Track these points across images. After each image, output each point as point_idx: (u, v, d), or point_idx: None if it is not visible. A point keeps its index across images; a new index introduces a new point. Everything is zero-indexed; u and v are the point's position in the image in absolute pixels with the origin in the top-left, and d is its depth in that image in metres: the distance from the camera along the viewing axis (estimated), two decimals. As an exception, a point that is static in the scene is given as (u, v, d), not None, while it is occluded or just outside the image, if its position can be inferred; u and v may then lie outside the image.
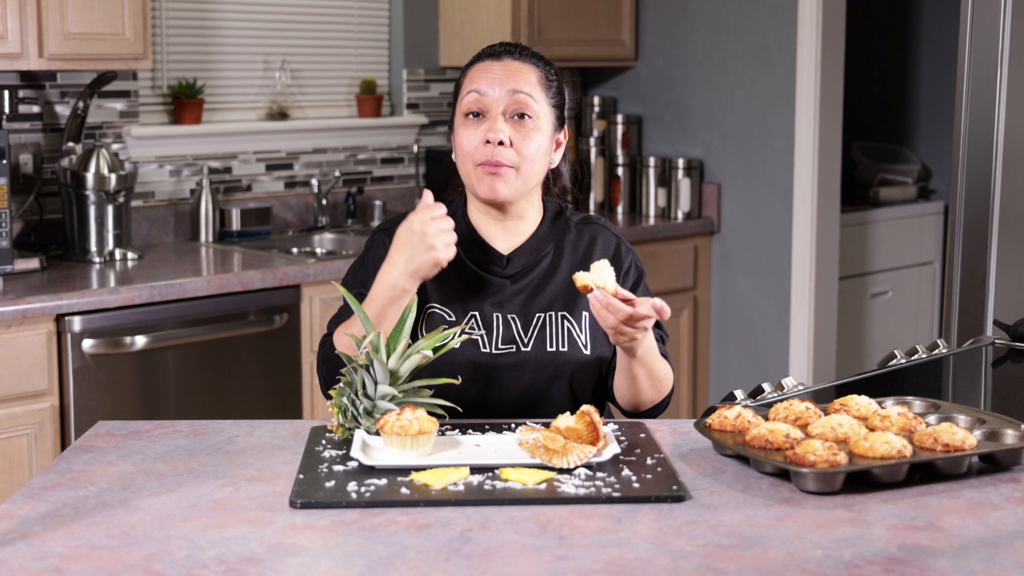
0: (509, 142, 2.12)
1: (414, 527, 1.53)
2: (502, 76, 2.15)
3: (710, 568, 1.41)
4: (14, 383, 3.20)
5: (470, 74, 2.19)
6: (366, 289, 2.16)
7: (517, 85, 2.14)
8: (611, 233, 2.26)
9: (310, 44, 4.52)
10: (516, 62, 2.17)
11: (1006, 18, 3.00)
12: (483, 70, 2.17)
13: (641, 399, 2.14)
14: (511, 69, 2.16)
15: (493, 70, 2.16)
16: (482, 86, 2.14)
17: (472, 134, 2.14)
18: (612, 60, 4.95)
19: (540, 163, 2.16)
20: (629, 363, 2.08)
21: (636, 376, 2.10)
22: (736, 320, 4.81)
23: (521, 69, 2.16)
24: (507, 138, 2.12)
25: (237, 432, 1.95)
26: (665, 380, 2.15)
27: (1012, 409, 2.13)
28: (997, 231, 3.05)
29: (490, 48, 2.21)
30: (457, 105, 2.20)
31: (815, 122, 4.53)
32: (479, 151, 2.13)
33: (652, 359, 2.09)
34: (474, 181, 2.15)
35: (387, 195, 4.65)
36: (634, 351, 2.05)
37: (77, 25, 3.54)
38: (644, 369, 2.09)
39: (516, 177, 2.14)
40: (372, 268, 2.18)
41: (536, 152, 2.14)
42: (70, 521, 1.56)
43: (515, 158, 2.12)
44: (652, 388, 2.13)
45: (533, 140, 2.14)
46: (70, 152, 3.75)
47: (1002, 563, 1.43)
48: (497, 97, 2.13)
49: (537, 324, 2.16)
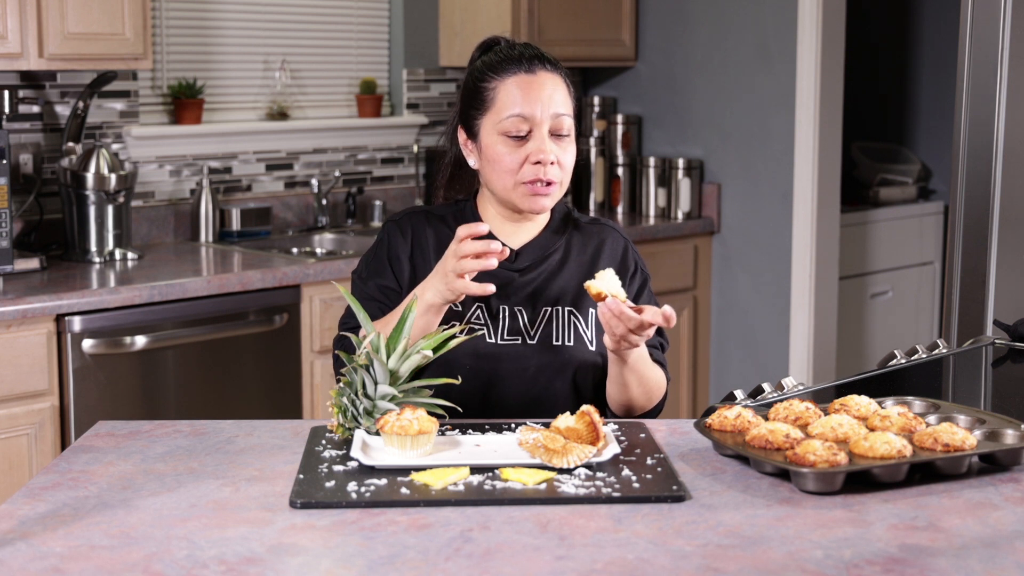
0: (557, 161, 2.15)
1: (414, 527, 1.53)
2: (543, 96, 2.14)
3: (710, 568, 1.41)
4: (14, 383, 3.20)
5: (504, 88, 2.15)
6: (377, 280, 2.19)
7: (558, 108, 2.15)
8: (619, 235, 2.29)
9: (310, 44, 4.52)
10: (549, 75, 2.17)
11: (1006, 18, 3.00)
12: (520, 86, 2.15)
13: (632, 405, 2.16)
14: (549, 87, 2.15)
15: (532, 88, 2.15)
16: (525, 110, 2.14)
17: (515, 153, 2.14)
18: (612, 60, 4.95)
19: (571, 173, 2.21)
20: (621, 370, 2.09)
21: (627, 382, 2.11)
22: (736, 320, 4.81)
23: (556, 86, 2.17)
24: (556, 158, 2.15)
25: (237, 432, 1.95)
26: (656, 387, 2.17)
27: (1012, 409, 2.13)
28: (997, 231, 3.05)
29: (514, 54, 2.18)
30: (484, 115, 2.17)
31: (815, 122, 4.53)
32: (527, 170, 2.14)
33: (643, 366, 2.11)
34: (516, 198, 2.16)
35: (387, 195, 4.65)
36: (625, 358, 2.06)
37: (77, 25, 3.54)
38: (635, 376, 2.11)
39: (558, 191, 2.18)
40: (382, 259, 2.21)
41: (572, 163, 2.19)
42: (70, 521, 1.56)
43: (561, 174, 2.16)
44: (643, 395, 2.15)
45: (570, 154, 2.18)
46: (70, 152, 3.75)
47: (1002, 563, 1.43)
48: (541, 120, 2.14)
49: (544, 318, 2.17)
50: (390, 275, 2.21)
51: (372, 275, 2.22)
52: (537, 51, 2.20)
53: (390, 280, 2.20)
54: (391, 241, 2.22)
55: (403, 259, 2.21)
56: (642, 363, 2.10)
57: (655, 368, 2.16)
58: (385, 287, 2.20)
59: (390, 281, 2.20)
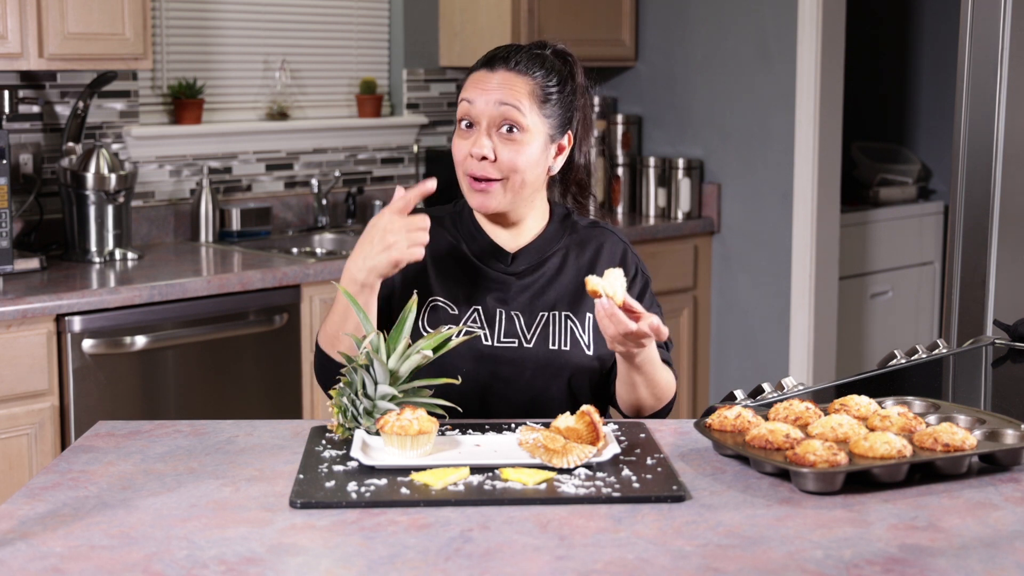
0: (493, 157, 2.11)
1: (414, 527, 1.53)
2: (491, 88, 2.13)
3: (710, 568, 1.41)
4: (14, 383, 3.20)
5: (467, 82, 2.19)
6: None
7: (504, 98, 2.12)
8: (618, 239, 2.27)
9: (310, 44, 4.52)
10: (509, 74, 2.14)
11: (1006, 18, 3.00)
12: (476, 80, 2.16)
13: (641, 406, 2.15)
14: (502, 81, 2.13)
15: (485, 81, 2.15)
16: (472, 95, 2.14)
17: (463, 144, 2.15)
18: (612, 60, 4.95)
19: (532, 172, 2.14)
20: (628, 370, 2.08)
21: (635, 383, 2.10)
22: (736, 320, 4.81)
23: (513, 82, 2.14)
24: (490, 152, 2.11)
25: (237, 432, 1.95)
26: (665, 389, 2.15)
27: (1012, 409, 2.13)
28: (997, 231, 3.05)
29: (490, 55, 2.20)
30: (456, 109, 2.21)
31: (815, 122, 4.53)
32: (467, 163, 2.14)
33: (651, 368, 2.09)
34: (465, 191, 2.17)
35: (387, 195, 4.64)
36: (632, 359, 2.05)
37: (77, 25, 3.54)
38: (643, 377, 2.09)
39: (504, 189, 2.13)
40: None
41: (526, 163, 2.13)
42: (70, 521, 1.56)
43: (497, 172, 2.12)
44: (651, 396, 2.13)
45: (521, 153, 2.12)
46: (70, 152, 3.75)
47: (1002, 563, 1.43)
48: (482, 109, 2.12)
49: (540, 322, 2.17)
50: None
51: None
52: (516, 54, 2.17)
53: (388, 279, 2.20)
54: None
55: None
56: (650, 365, 2.08)
57: (665, 370, 2.14)
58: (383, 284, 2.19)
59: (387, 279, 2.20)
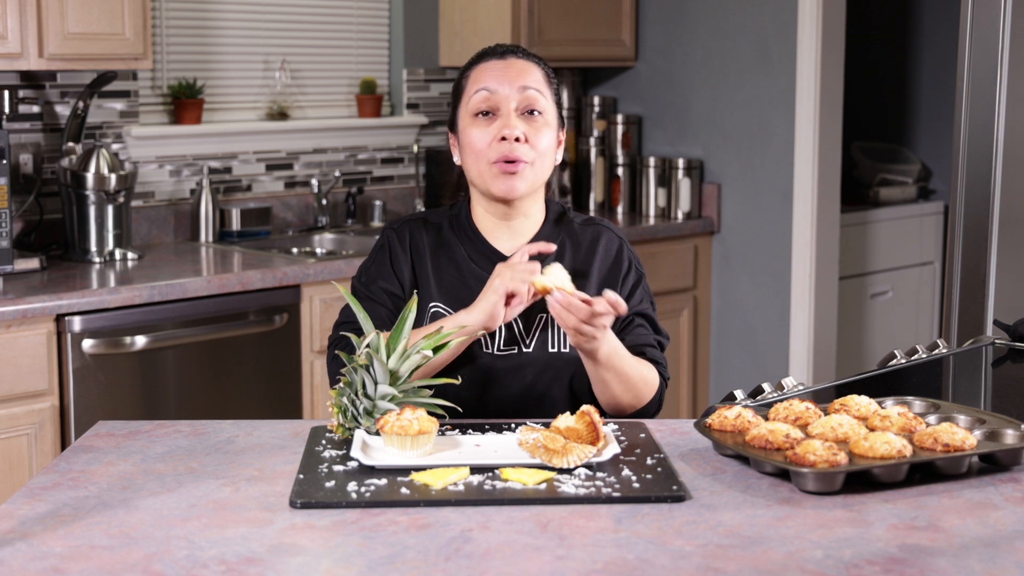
0: (524, 138, 2.13)
1: (414, 527, 1.53)
2: (510, 74, 2.16)
3: (710, 568, 1.41)
4: (14, 383, 3.20)
5: (474, 74, 2.19)
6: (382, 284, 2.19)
7: (526, 82, 2.15)
8: (614, 234, 2.27)
9: (310, 44, 4.52)
10: (520, 60, 2.19)
11: (1006, 18, 3.00)
12: (489, 69, 2.18)
13: (618, 403, 2.12)
14: (517, 67, 2.17)
15: (500, 68, 2.17)
16: (491, 84, 2.15)
17: (484, 132, 2.14)
18: (612, 60, 4.95)
19: (550, 159, 2.18)
20: (595, 368, 2.07)
21: (605, 380, 2.08)
22: (736, 320, 4.81)
23: (527, 67, 2.18)
24: (523, 134, 2.13)
25: (237, 432, 1.95)
26: (642, 384, 2.12)
27: (1012, 409, 2.13)
28: (997, 231, 3.05)
29: (491, 49, 2.22)
30: (460, 106, 2.20)
31: (815, 122, 4.53)
32: (493, 149, 2.13)
33: (620, 362, 2.07)
34: (488, 180, 2.15)
35: (387, 195, 4.65)
36: (596, 354, 2.03)
37: (77, 25, 3.54)
38: (611, 373, 2.07)
39: (531, 173, 2.15)
40: (385, 264, 2.21)
41: (548, 148, 2.17)
42: (70, 521, 1.56)
43: (531, 153, 2.14)
44: (626, 392, 2.10)
45: (544, 135, 2.16)
46: (70, 152, 3.75)
47: (1002, 563, 1.43)
48: (507, 94, 2.14)
49: (539, 324, 2.16)
50: (394, 280, 2.20)
51: (375, 279, 2.21)
52: (515, 46, 2.23)
53: (394, 285, 2.20)
54: (392, 247, 2.22)
55: (403, 265, 2.21)
56: (618, 359, 2.06)
57: (641, 365, 2.12)
58: (390, 292, 2.20)
59: (394, 286, 2.20)
